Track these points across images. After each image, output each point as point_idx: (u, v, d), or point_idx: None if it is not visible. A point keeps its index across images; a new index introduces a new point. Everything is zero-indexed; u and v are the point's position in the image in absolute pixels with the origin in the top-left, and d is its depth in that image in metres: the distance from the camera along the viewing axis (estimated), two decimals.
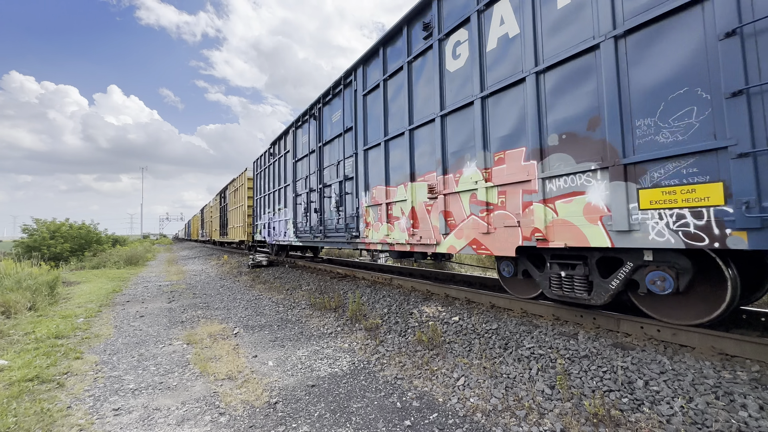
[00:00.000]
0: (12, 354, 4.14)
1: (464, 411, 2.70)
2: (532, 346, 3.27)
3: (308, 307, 6.20)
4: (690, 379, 2.43)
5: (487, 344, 3.54)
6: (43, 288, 7.29)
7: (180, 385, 3.36)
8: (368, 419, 2.68)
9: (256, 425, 2.64)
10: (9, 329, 5.16)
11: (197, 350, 4.29)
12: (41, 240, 17.82)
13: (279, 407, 2.89)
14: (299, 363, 3.82)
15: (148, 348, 4.48)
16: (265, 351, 4.24)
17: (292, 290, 7.69)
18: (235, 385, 3.31)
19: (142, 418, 2.79)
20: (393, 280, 6.55)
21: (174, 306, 7.02)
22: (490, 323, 3.89)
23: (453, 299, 5.08)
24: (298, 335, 4.81)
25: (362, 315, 5.10)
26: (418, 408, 2.80)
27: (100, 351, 4.38)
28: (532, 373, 2.94)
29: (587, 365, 2.84)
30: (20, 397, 3.07)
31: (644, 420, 2.24)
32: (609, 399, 2.47)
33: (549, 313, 3.90)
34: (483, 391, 2.88)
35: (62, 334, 4.96)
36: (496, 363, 3.22)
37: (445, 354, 3.59)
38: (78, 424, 2.70)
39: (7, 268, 8.62)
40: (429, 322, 4.25)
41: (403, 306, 5.05)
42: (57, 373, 3.63)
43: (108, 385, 3.38)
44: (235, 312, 6.34)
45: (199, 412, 2.84)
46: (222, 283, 9.97)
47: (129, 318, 6.09)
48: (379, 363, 3.71)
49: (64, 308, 6.78)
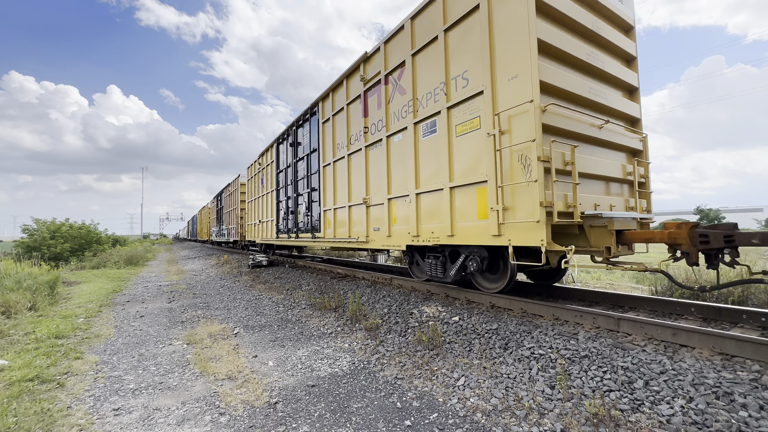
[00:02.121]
0: (12, 354, 4.14)
1: (464, 411, 2.70)
2: (532, 346, 3.27)
3: (308, 307, 6.19)
4: (690, 379, 2.43)
5: (488, 344, 3.54)
6: (43, 288, 7.29)
7: (180, 385, 3.36)
8: (368, 419, 2.68)
9: (256, 425, 2.64)
10: (9, 329, 5.16)
11: (197, 350, 4.29)
12: (41, 240, 17.82)
13: (279, 407, 2.89)
14: (299, 363, 3.82)
15: (148, 348, 4.48)
16: (265, 351, 4.24)
17: (292, 290, 7.69)
18: (235, 385, 3.31)
19: (142, 418, 2.79)
20: (393, 280, 6.55)
21: (174, 306, 7.02)
22: (490, 323, 3.89)
23: (453, 299, 5.08)
24: (298, 335, 4.80)
25: (362, 315, 5.10)
26: (418, 408, 2.80)
27: (101, 351, 4.38)
28: (532, 373, 2.94)
29: (587, 365, 2.84)
30: (20, 397, 3.07)
31: (644, 420, 2.24)
32: (609, 399, 2.47)
33: (549, 313, 3.90)
34: (483, 391, 2.88)
35: (62, 334, 4.96)
36: (496, 363, 3.22)
37: (445, 354, 3.59)
38: (78, 424, 2.70)
39: (7, 268, 8.62)
40: (429, 322, 4.25)
41: (404, 306, 5.05)
42: (57, 373, 3.63)
43: (108, 385, 3.38)
44: (235, 312, 6.34)
45: (199, 412, 2.84)
46: (222, 283, 9.97)
47: (129, 318, 6.09)
48: (379, 363, 3.70)
49: (64, 308, 6.78)
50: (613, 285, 7.65)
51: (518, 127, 3.61)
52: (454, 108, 4.40)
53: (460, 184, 4.30)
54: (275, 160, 11.06)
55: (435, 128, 4.70)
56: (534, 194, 3.44)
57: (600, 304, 4.42)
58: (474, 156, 4.16)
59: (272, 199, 11.32)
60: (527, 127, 3.51)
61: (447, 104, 4.47)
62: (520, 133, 3.59)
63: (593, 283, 7.96)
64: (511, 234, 3.73)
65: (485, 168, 3.98)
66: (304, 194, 8.77)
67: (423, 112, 4.90)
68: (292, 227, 9.55)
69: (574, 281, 8.63)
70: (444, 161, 4.51)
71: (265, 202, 12.10)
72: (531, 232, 3.52)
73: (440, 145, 4.59)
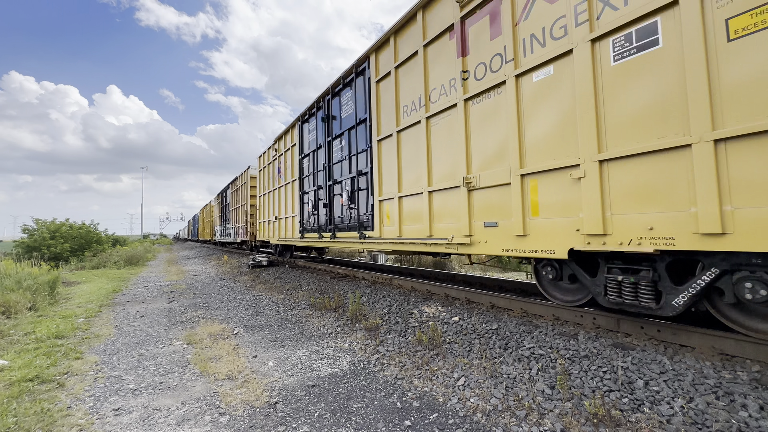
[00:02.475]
0: (12, 354, 4.14)
1: (464, 411, 2.70)
2: (532, 346, 3.27)
3: (308, 307, 6.20)
4: (690, 379, 2.43)
5: (488, 344, 3.54)
6: (43, 288, 7.29)
7: (180, 385, 3.36)
8: (368, 419, 2.68)
9: (256, 425, 2.64)
10: (9, 329, 5.16)
11: (197, 350, 4.29)
12: (41, 240, 17.85)
13: (279, 407, 2.89)
14: (299, 363, 3.82)
15: (148, 348, 4.48)
16: (265, 351, 4.24)
17: (292, 290, 7.69)
18: (235, 385, 3.31)
19: (142, 418, 2.79)
20: (393, 280, 6.55)
21: (174, 306, 7.02)
22: (490, 323, 3.89)
23: (453, 299, 5.08)
24: (298, 335, 4.81)
25: (362, 315, 5.10)
26: (418, 408, 2.80)
27: (101, 351, 4.38)
28: (533, 373, 2.94)
29: (587, 365, 2.84)
30: (20, 397, 3.07)
31: (644, 420, 2.24)
32: (609, 399, 2.47)
33: (549, 314, 3.90)
34: (483, 391, 2.88)
35: (62, 334, 4.96)
36: (496, 363, 3.22)
37: (445, 354, 3.59)
38: (78, 424, 2.70)
39: (7, 268, 8.62)
40: (429, 322, 4.25)
41: (404, 306, 5.05)
42: (57, 373, 3.62)
43: (108, 385, 3.38)
44: (235, 312, 6.34)
45: (199, 412, 2.84)
46: (222, 283, 9.97)
47: (129, 318, 6.09)
48: (379, 363, 3.71)
49: (64, 308, 6.78)
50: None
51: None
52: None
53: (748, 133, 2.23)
54: (297, 143, 9.20)
55: (656, 35, 2.65)
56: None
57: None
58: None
59: (293, 191, 9.49)
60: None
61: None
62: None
63: None
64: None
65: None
66: (343, 181, 6.89)
67: (611, 18, 2.89)
68: (324, 224, 7.60)
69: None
70: (684, 91, 2.50)
71: (283, 195, 10.26)
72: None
73: (672, 62, 2.57)
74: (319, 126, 7.91)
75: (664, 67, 2.62)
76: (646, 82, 2.72)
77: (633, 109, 2.78)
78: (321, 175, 7.84)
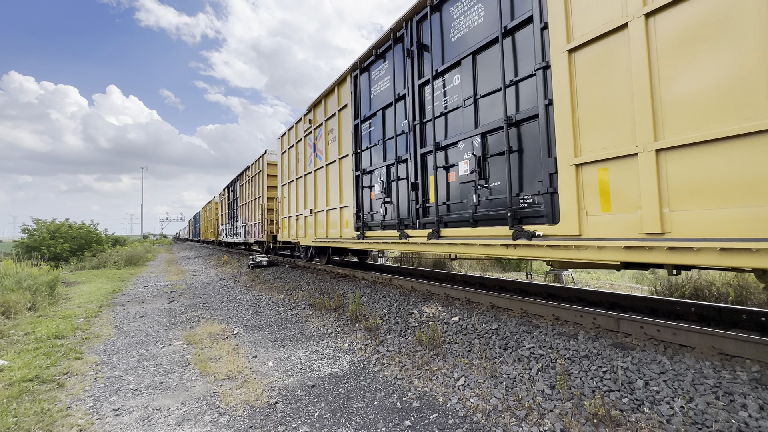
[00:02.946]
0: (12, 354, 4.14)
1: (464, 411, 2.70)
2: (532, 346, 3.27)
3: (308, 307, 6.19)
4: (690, 379, 2.43)
5: (487, 344, 3.54)
6: (43, 288, 7.29)
7: (180, 386, 3.36)
8: (368, 419, 2.68)
9: (256, 425, 2.64)
10: (9, 329, 5.16)
11: (197, 350, 4.29)
12: (41, 240, 17.85)
13: (279, 407, 2.89)
14: (299, 363, 3.81)
15: (148, 348, 4.47)
16: (265, 351, 4.24)
17: (292, 290, 7.69)
18: (235, 386, 3.31)
19: (142, 418, 2.79)
20: (393, 280, 6.55)
21: (174, 306, 7.02)
22: (490, 323, 3.89)
23: (453, 299, 5.08)
24: (298, 335, 4.80)
25: (362, 315, 5.10)
26: (418, 408, 2.80)
27: (100, 351, 4.38)
28: (532, 373, 2.94)
29: (587, 365, 2.84)
30: (20, 398, 3.07)
31: (644, 420, 2.24)
32: (609, 399, 2.47)
33: (549, 313, 3.90)
34: (483, 391, 2.88)
35: (62, 335, 4.96)
36: (496, 363, 3.22)
37: (445, 354, 3.59)
38: (78, 424, 2.69)
39: (7, 268, 8.61)
40: (429, 322, 4.25)
41: (403, 306, 5.05)
42: (57, 374, 3.62)
43: (108, 386, 3.38)
44: (235, 312, 6.34)
45: (199, 413, 2.84)
46: (222, 283, 9.97)
47: (129, 318, 6.09)
48: (379, 363, 3.70)
49: (64, 308, 6.78)
50: (612, 285, 7.66)
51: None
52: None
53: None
54: (350, 103, 6.61)
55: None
56: None
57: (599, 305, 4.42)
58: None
59: (342, 172, 6.92)
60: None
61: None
62: None
63: (593, 283, 7.98)
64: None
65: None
66: (460, 143, 4.25)
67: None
68: (415, 215, 5.02)
69: (573, 281, 8.63)
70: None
71: (323, 180, 7.67)
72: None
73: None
74: (397, 67, 5.46)
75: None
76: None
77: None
78: (401, 143, 5.39)
